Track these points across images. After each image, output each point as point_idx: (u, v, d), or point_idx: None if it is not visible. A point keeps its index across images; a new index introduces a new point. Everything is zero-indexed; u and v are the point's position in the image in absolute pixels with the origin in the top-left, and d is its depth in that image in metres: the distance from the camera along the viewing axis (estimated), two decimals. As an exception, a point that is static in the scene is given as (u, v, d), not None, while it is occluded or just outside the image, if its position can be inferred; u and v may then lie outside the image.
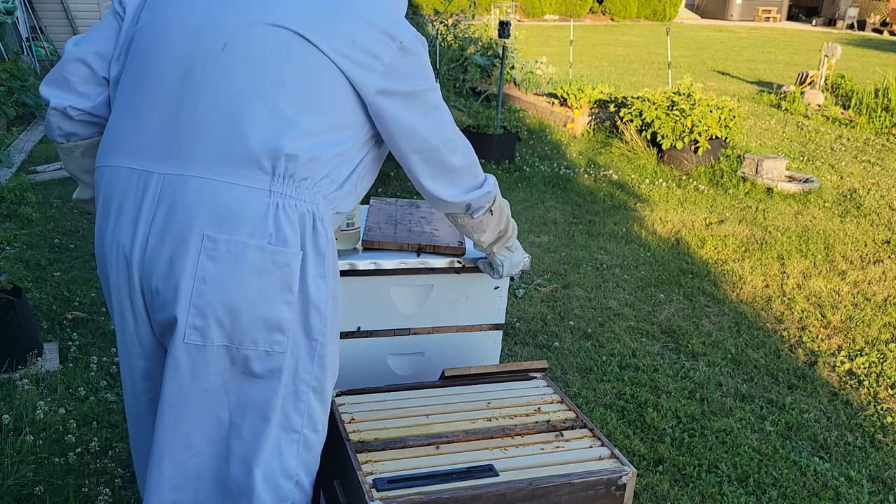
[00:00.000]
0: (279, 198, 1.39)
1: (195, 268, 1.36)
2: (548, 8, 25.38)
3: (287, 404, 1.47)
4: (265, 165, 1.38)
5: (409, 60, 1.48)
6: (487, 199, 1.72)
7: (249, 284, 1.38)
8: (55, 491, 2.34)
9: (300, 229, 1.41)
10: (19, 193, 5.14)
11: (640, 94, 7.23)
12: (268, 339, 1.42)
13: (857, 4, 26.23)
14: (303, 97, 1.40)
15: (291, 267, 1.40)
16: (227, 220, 1.37)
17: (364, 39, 1.43)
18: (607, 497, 1.62)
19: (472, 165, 1.67)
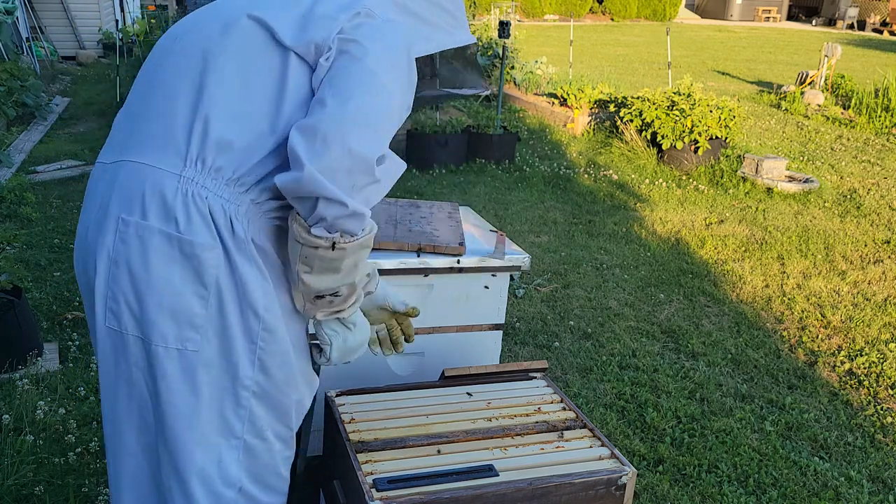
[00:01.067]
0: (189, 184, 1.34)
1: (111, 250, 1.35)
2: (548, 8, 25.38)
3: (226, 408, 1.40)
4: (180, 147, 1.34)
5: (377, 24, 1.41)
6: (343, 225, 1.31)
7: (156, 271, 1.33)
8: (55, 491, 2.34)
9: (214, 223, 1.34)
10: (19, 193, 5.14)
11: (640, 94, 7.23)
12: (178, 335, 1.35)
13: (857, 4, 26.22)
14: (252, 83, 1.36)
15: (202, 259, 1.33)
16: (141, 203, 1.34)
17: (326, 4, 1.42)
18: (607, 497, 1.62)
19: (361, 175, 1.30)
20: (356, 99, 1.30)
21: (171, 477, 1.41)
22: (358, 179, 1.29)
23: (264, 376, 1.42)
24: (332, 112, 1.29)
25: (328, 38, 1.35)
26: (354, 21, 1.38)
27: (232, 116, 1.34)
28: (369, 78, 1.33)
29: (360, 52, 1.34)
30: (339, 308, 1.46)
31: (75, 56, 12.40)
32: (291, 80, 1.36)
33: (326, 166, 1.27)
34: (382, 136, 1.33)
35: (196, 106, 1.35)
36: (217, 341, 1.37)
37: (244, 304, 1.37)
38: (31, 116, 7.87)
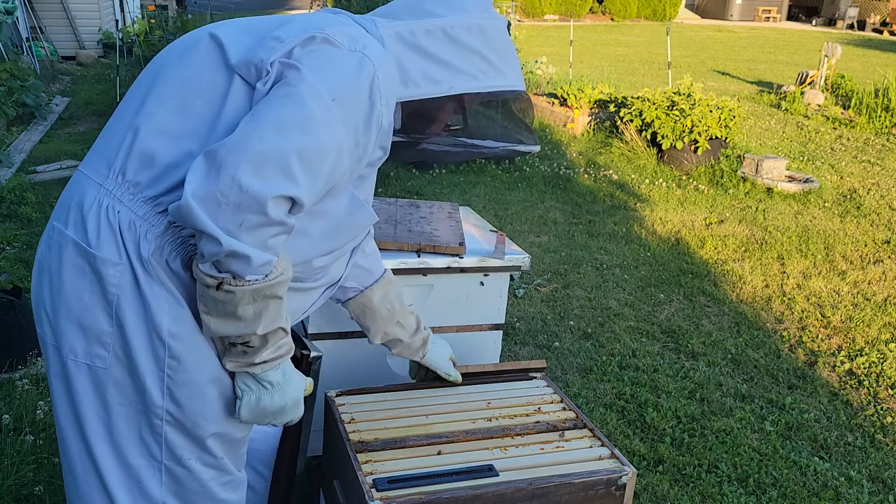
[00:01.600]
0: (106, 196, 1.30)
1: (40, 255, 1.36)
2: (548, 8, 25.38)
3: (143, 431, 1.34)
4: (112, 155, 1.32)
5: (319, 50, 1.31)
6: (229, 264, 1.21)
7: (68, 282, 1.30)
8: (55, 491, 2.34)
9: (122, 240, 1.28)
10: (19, 193, 5.13)
11: (640, 94, 7.23)
12: (87, 350, 1.30)
13: (857, 4, 26.22)
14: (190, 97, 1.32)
15: (103, 275, 1.28)
16: (67, 212, 1.33)
17: (282, 31, 1.36)
18: (607, 497, 1.62)
19: (252, 214, 1.18)
20: (266, 130, 1.20)
21: (95, 493, 1.37)
22: (248, 218, 1.18)
23: (175, 406, 1.34)
24: (235, 139, 1.20)
25: (267, 59, 1.28)
26: (308, 47, 1.30)
27: (161, 131, 1.30)
28: (295, 110, 1.22)
29: (296, 79, 1.25)
30: (250, 361, 1.33)
31: (75, 56, 12.40)
32: (231, 102, 1.29)
33: (210, 196, 1.16)
34: (297, 176, 1.21)
35: (133, 119, 1.33)
36: (125, 361, 1.31)
37: (149, 327, 1.29)
38: (31, 116, 7.86)
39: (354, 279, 1.74)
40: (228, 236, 1.18)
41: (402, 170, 6.30)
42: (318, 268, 1.47)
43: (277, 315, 1.31)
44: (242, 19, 1.41)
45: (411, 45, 1.41)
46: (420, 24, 1.42)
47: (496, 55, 1.46)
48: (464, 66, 1.43)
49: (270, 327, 1.30)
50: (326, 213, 1.38)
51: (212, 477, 1.43)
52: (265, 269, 1.24)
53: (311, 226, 1.37)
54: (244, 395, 1.37)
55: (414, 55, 1.41)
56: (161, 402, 1.33)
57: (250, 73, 1.29)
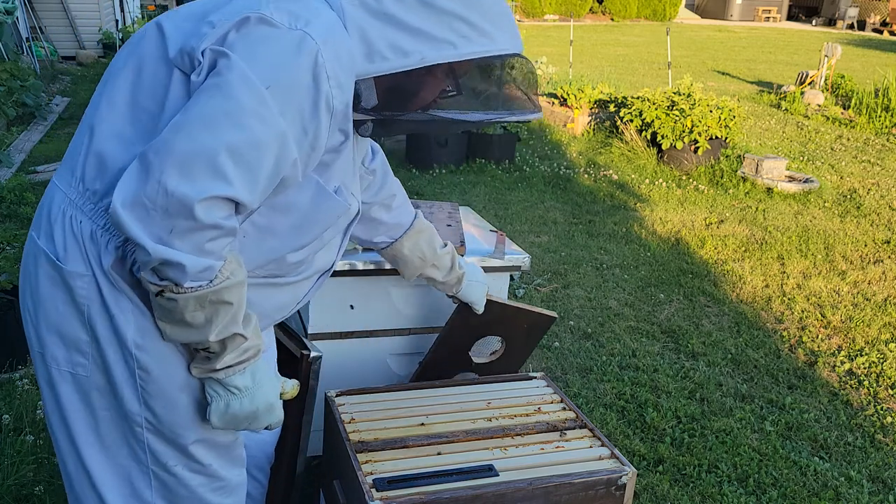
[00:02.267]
0: (70, 206, 1.26)
1: (22, 265, 1.36)
2: (548, 8, 25.39)
3: (128, 436, 1.33)
4: (74, 166, 1.28)
5: (253, 31, 1.19)
6: (165, 272, 1.15)
7: (44, 292, 1.28)
8: (55, 491, 2.34)
9: (85, 249, 1.24)
10: (19, 193, 5.14)
11: (640, 94, 7.23)
12: (69, 359, 1.29)
13: (857, 4, 26.23)
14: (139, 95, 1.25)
15: (73, 287, 1.25)
16: (38, 221, 1.32)
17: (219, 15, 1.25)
18: (607, 497, 1.62)
19: (181, 219, 1.11)
20: (192, 127, 1.12)
21: (88, 491, 1.36)
22: (178, 223, 1.11)
23: (151, 414, 1.31)
24: (162, 140, 1.12)
25: (199, 48, 1.18)
26: (242, 30, 1.18)
27: (112, 134, 1.24)
28: (222, 102, 1.13)
29: (225, 68, 1.14)
30: (212, 367, 1.27)
31: (75, 56, 12.40)
32: (171, 99, 1.21)
33: (138, 201, 1.10)
34: (228, 175, 1.12)
35: (89, 123, 1.28)
36: (102, 369, 1.29)
37: (118, 339, 1.27)
38: (31, 116, 7.86)
39: (384, 234, 1.79)
40: (157, 244, 1.11)
41: (402, 170, 6.30)
42: (294, 262, 1.41)
43: (231, 321, 1.23)
44: (193, 3, 1.31)
45: (377, 12, 1.25)
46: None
47: (482, 16, 1.27)
48: (439, 33, 1.25)
49: (225, 333, 1.24)
50: (290, 207, 1.31)
51: (200, 483, 1.39)
52: (206, 274, 1.16)
53: (276, 222, 1.31)
54: (213, 402, 1.31)
55: (380, 24, 1.25)
56: (139, 411, 1.31)
57: (185, 63, 1.20)
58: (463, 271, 1.91)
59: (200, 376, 1.31)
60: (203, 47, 1.17)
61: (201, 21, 1.22)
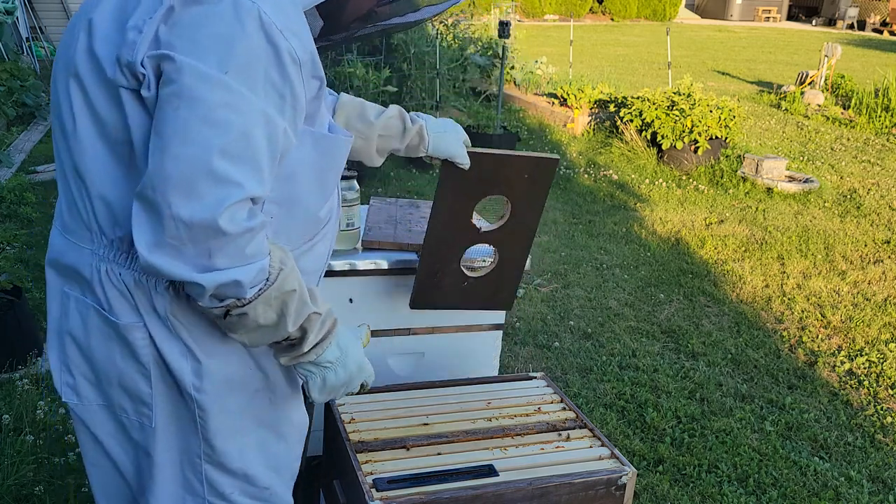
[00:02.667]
0: (102, 261, 1.22)
1: (58, 323, 1.29)
2: (548, 8, 25.38)
3: (186, 469, 1.33)
4: (84, 217, 1.22)
5: (185, 15, 1.08)
6: (224, 293, 1.12)
7: (99, 348, 1.25)
8: (55, 491, 2.34)
9: (133, 299, 1.21)
10: (19, 193, 5.13)
11: (640, 94, 7.23)
12: (136, 409, 1.28)
13: (857, 4, 26.22)
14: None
15: (130, 340, 1.23)
16: (72, 280, 1.26)
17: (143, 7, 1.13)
18: (607, 497, 1.62)
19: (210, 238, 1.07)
20: (173, 147, 1.04)
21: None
22: (211, 245, 1.07)
23: (209, 447, 1.31)
24: (152, 173, 1.05)
25: (136, 61, 1.08)
26: (171, 21, 1.07)
27: (108, 179, 1.18)
28: (189, 109, 1.05)
29: (174, 72, 1.06)
30: (299, 353, 1.26)
31: (75, 56, 12.41)
32: (133, 123, 1.13)
33: (162, 244, 1.06)
34: (233, 176, 1.06)
35: (75, 170, 1.21)
36: (167, 412, 1.29)
37: (176, 384, 1.26)
38: (31, 116, 7.86)
39: None
40: (205, 273, 1.08)
41: (401, 170, 6.30)
42: (323, 217, 1.38)
43: (301, 304, 1.21)
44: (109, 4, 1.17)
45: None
46: None
47: None
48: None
49: (301, 319, 1.21)
50: (298, 170, 1.25)
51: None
52: (261, 276, 1.13)
53: (294, 190, 1.26)
54: (309, 381, 1.31)
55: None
56: (199, 442, 1.31)
57: (129, 81, 1.10)
58: (421, 123, 1.70)
59: (290, 363, 1.29)
60: (140, 58, 1.08)
61: (124, 27, 1.11)
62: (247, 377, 1.31)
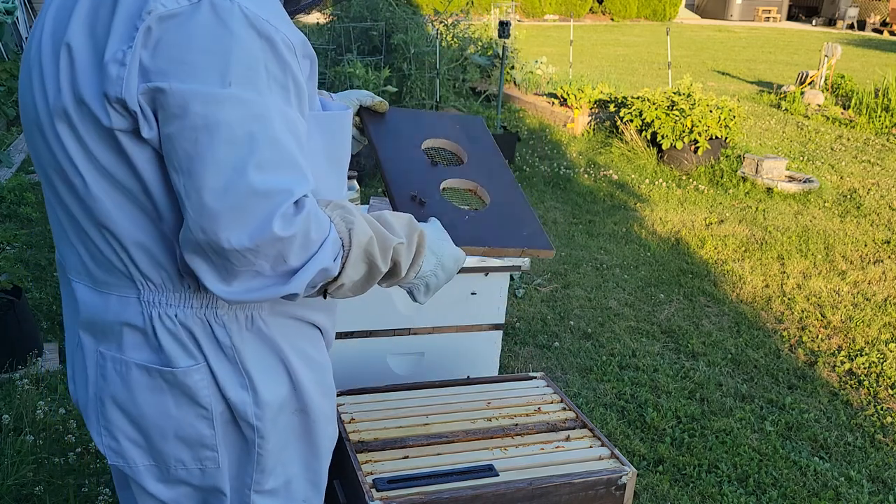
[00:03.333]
0: (153, 307, 1.16)
1: (96, 387, 1.23)
2: (548, 8, 25.39)
3: (233, 499, 1.31)
4: (124, 268, 1.15)
5: (166, 38, 0.99)
6: (315, 281, 1.11)
7: (147, 405, 1.20)
8: (55, 491, 2.34)
9: (190, 340, 1.17)
10: (19, 193, 5.14)
11: (640, 94, 7.23)
12: (195, 456, 1.24)
13: (857, 4, 26.22)
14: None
15: (189, 385, 1.19)
16: (112, 334, 1.19)
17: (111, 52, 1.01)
18: (607, 497, 1.62)
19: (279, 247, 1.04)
20: (209, 182, 1.00)
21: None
22: (283, 253, 1.05)
23: (261, 475, 1.30)
24: (196, 216, 1.01)
25: (130, 99, 1.00)
26: (150, 43, 0.99)
27: (137, 228, 1.12)
28: (208, 136, 0.99)
29: (177, 106, 0.99)
30: (397, 279, 1.27)
31: (75, 56, 12.39)
32: (142, 170, 1.07)
33: (240, 279, 1.05)
34: (274, 184, 1.02)
35: (98, 223, 1.13)
36: (228, 451, 1.27)
37: (239, 417, 1.24)
38: (31, 116, 7.85)
39: None
40: (292, 280, 1.06)
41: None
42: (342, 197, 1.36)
43: (383, 242, 1.18)
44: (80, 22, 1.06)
45: None
46: None
47: None
48: None
49: (387, 254, 1.19)
50: (311, 159, 1.19)
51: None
52: (336, 249, 1.11)
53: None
54: (414, 291, 1.32)
55: None
56: (251, 474, 1.29)
57: (125, 122, 1.03)
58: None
59: (401, 285, 1.30)
60: (132, 94, 1.00)
61: (102, 60, 1.01)
62: (289, 397, 1.30)
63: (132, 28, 0.99)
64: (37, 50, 1.10)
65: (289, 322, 1.26)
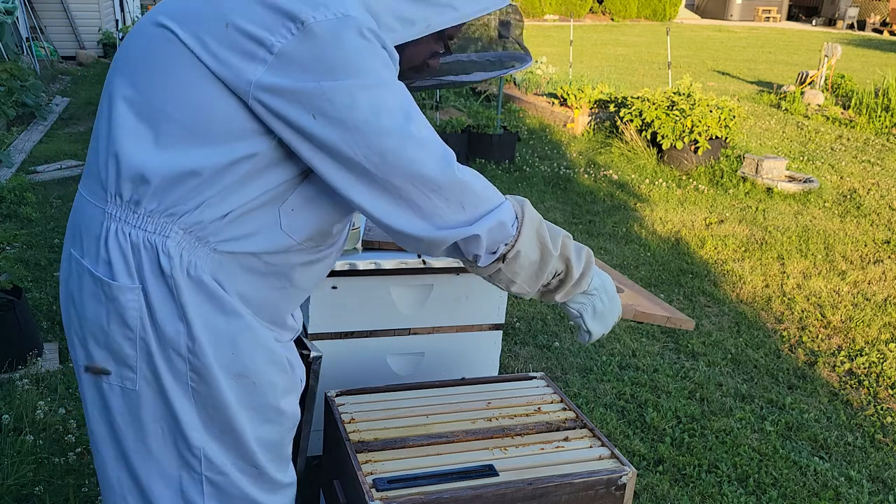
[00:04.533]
0: (112, 221, 1.23)
1: (64, 283, 1.32)
2: (548, 8, 25.39)
3: (179, 446, 1.31)
4: (104, 179, 1.23)
5: (315, 47, 1.12)
6: (493, 238, 1.24)
7: (90, 309, 1.27)
8: (55, 491, 2.34)
9: (134, 261, 1.22)
10: (19, 193, 5.14)
11: (640, 94, 7.23)
12: (118, 372, 1.28)
13: (857, 4, 26.23)
14: (163, 101, 1.18)
15: (121, 302, 1.23)
16: (78, 239, 1.29)
17: (244, 21, 1.13)
18: (607, 497, 1.62)
19: (454, 188, 1.21)
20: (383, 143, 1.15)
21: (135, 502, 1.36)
22: (460, 196, 1.21)
23: (207, 419, 1.31)
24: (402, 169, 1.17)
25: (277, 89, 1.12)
26: (305, 43, 1.11)
27: (140, 147, 1.20)
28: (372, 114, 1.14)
29: (346, 107, 1.13)
30: (571, 284, 1.34)
31: (75, 56, 12.39)
32: (220, 113, 1.16)
33: (442, 224, 1.21)
34: (424, 147, 1.18)
35: (107, 137, 1.23)
36: (152, 381, 1.28)
37: (166, 345, 1.25)
38: (31, 116, 7.86)
39: None
40: (473, 224, 1.21)
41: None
42: (335, 234, 1.39)
43: (552, 228, 1.30)
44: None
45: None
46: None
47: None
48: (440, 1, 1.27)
49: (558, 244, 1.30)
50: None
51: (252, 483, 1.40)
52: (511, 214, 1.25)
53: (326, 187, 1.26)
54: (583, 313, 1.39)
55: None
56: (192, 410, 1.30)
57: (241, 48, 1.13)
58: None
59: (565, 299, 1.37)
60: (280, 84, 1.12)
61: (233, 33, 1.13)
62: (233, 361, 1.30)
63: (280, 19, 1.12)
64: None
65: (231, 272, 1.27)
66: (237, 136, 1.17)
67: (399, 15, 1.25)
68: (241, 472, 1.38)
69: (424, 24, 1.27)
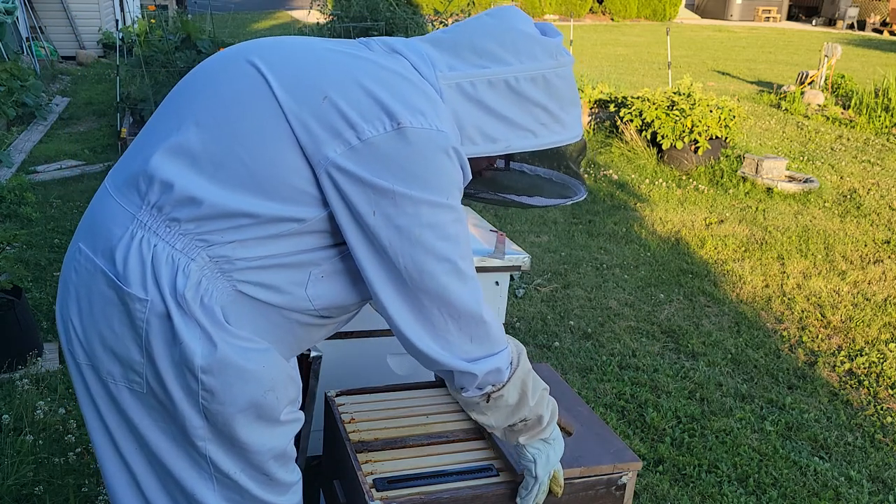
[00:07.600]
0: (141, 229, 1.22)
1: (65, 275, 1.31)
2: (548, 8, 25.38)
3: (188, 447, 1.31)
4: (141, 186, 1.23)
5: (402, 150, 1.17)
6: (486, 380, 1.31)
7: (98, 310, 1.26)
8: (55, 491, 2.34)
9: (152, 273, 1.21)
10: (19, 193, 5.14)
11: (640, 94, 7.23)
12: (123, 375, 1.28)
13: (857, 4, 26.22)
14: (236, 140, 1.20)
15: (131, 309, 1.23)
16: (94, 236, 1.27)
17: (342, 100, 1.18)
18: (607, 497, 1.62)
19: (471, 322, 1.27)
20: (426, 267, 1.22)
21: (175, 489, 1.36)
22: (472, 332, 1.28)
23: (215, 429, 1.30)
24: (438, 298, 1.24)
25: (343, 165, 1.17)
26: (389, 145, 1.17)
27: (201, 175, 1.21)
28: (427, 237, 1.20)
29: (411, 215, 1.19)
30: (533, 431, 1.43)
31: (75, 56, 12.39)
32: (289, 168, 1.19)
33: (453, 355, 1.28)
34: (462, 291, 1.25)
35: (164, 152, 1.25)
36: (159, 390, 1.27)
37: (181, 363, 1.24)
38: (31, 116, 7.86)
39: None
40: (473, 363, 1.29)
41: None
42: (351, 310, 1.43)
43: (537, 382, 1.39)
44: (285, 49, 1.28)
45: (471, 97, 1.30)
46: (482, 75, 1.31)
47: (557, 104, 1.36)
48: (523, 122, 1.33)
49: (536, 395, 1.38)
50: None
51: (261, 486, 1.39)
52: (508, 360, 1.33)
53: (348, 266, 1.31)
54: (538, 459, 1.45)
55: (472, 109, 1.30)
56: (201, 425, 1.29)
57: (330, 124, 1.18)
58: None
59: (528, 441, 1.44)
60: (357, 171, 1.17)
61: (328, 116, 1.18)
62: (259, 374, 1.29)
63: (379, 112, 1.18)
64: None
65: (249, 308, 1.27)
66: (296, 199, 1.20)
67: (483, 131, 1.31)
68: (250, 478, 1.38)
69: (505, 145, 1.33)
